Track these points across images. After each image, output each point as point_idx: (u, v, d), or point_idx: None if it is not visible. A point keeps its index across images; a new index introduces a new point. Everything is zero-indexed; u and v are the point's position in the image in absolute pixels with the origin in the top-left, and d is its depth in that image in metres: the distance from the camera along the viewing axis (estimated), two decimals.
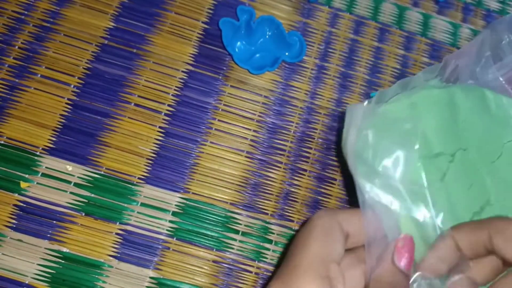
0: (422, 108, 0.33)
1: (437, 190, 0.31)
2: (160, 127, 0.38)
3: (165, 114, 0.39)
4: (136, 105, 0.39)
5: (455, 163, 0.33)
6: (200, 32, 0.42)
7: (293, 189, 0.38)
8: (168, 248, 0.35)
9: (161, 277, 0.34)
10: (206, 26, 0.42)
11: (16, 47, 0.39)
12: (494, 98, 0.35)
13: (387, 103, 0.32)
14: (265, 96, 0.41)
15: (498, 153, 0.34)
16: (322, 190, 0.39)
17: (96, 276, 0.34)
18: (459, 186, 0.32)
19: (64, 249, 0.34)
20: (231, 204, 0.37)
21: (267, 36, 0.41)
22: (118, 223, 0.35)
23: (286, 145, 0.39)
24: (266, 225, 0.37)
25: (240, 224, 0.37)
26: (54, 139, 0.37)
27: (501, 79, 0.36)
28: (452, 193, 0.32)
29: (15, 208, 0.35)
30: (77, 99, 0.38)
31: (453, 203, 0.31)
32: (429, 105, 0.33)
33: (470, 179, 0.33)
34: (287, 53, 0.41)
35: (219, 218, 0.36)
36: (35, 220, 0.34)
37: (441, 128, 0.33)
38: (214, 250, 0.36)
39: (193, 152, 0.38)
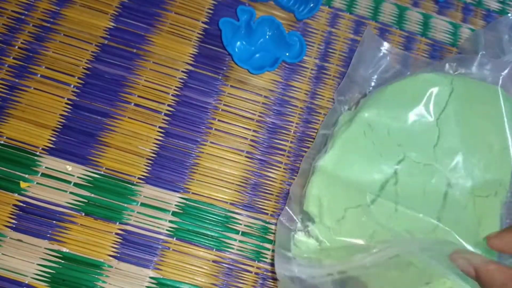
0: (338, 164, 0.33)
1: (396, 220, 0.31)
2: (160, 127, 0.38)
3: (165, 114, 0.39)
4: (136, 105, 0.39)
5: (400, 180, 0.33)
6: (200, 32, 0.42)
7: None
8: (168, 248, 0.35)
9: (161, 277, 0.34)
10: (206, 26, 0.42)
11: (16, 47, 0.39)
12: (398, 86, 0.36)
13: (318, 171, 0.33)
14: (265, 96, 0.41)
15: (436, 134, 0.34)
16: None
17: (96, 276, 0.34)
18: (414, 197, 0.32)
19: (64, 249, 0.34)
20: (231, 204, 0.37)
21: (267, 36, 0.41)
22: (118, 223, 0.35)
23: (286, 145, 0.39)
24: (266, 225, 0.37)
25: (240, 224, 0.37)
26: (54, 139, 0.37)
27: (502, 74, 0.36)
28: (412, 207, 0.32)
29: (15, 208, 0.35)
30: (77, 99, 0.38)
31: (416, 214, 0.31)
32: (344, 155, 0.33)
33: (421, 181, 0.32)
34: (287, 53, 0.41)
35: (219, 218, 0.36)
36: (35, 220, 0.34)
37: (369, 161, 0.33)
38: (214, 250, 0.36)
39: (193, 152, 0.38)
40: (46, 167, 0.36)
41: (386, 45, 0.40)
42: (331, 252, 0.31)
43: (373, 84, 0.39)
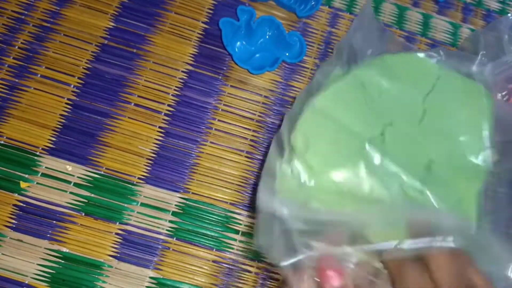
0: (333, 106, 0.33)
1: (379, 174, 0.31)
2: (160, 127, 0.38)
3: (165, 114, 0.39)
4: (136, 105, 0.39)
5: (387, 141, 0.33)
6: (200, 32, 0.42)
7: None
8: (168, 248, 0.35)
9: (161, 277, 0.34)
10: (206, 26, 0.42)
11: (16, 47, 0.39)
12: (395, 58, 0.36)
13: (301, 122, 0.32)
14: (265, 96, 0.41)
15: (421, 111, 0.35)
16: None
17: (96, 276, 0.34)
18: (399, 160, 0.32)
19: (64, 249, 0.34)
20: (231, 204, 0.37)
21: (267, 36, 0.41)
22: (118, 223, 0.35)
23: None
24: None
25: (240, 224, 0.37)
26: (54, 139, 0.37)
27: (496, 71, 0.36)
28: (395, 168, 0.32)
29: (15, 208, 0.35)
30: (77, 99, 0.38)
31: (399, 175, 0.32)
32: (339, 100, 0.33)
33: (407, 149, 0.33)
34: (287, 53, 0.41)
35: (219, 218, 0.36)
36: (35, 220, 0.34)
37: (360, 114, 0.33)
38: (214, 250, 0.36)
39: (193, 152, 0.38)
40: (46, 167, 0.36)
41: (381, 25, 0.41)
42: (312, 196, 0.30)
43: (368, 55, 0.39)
